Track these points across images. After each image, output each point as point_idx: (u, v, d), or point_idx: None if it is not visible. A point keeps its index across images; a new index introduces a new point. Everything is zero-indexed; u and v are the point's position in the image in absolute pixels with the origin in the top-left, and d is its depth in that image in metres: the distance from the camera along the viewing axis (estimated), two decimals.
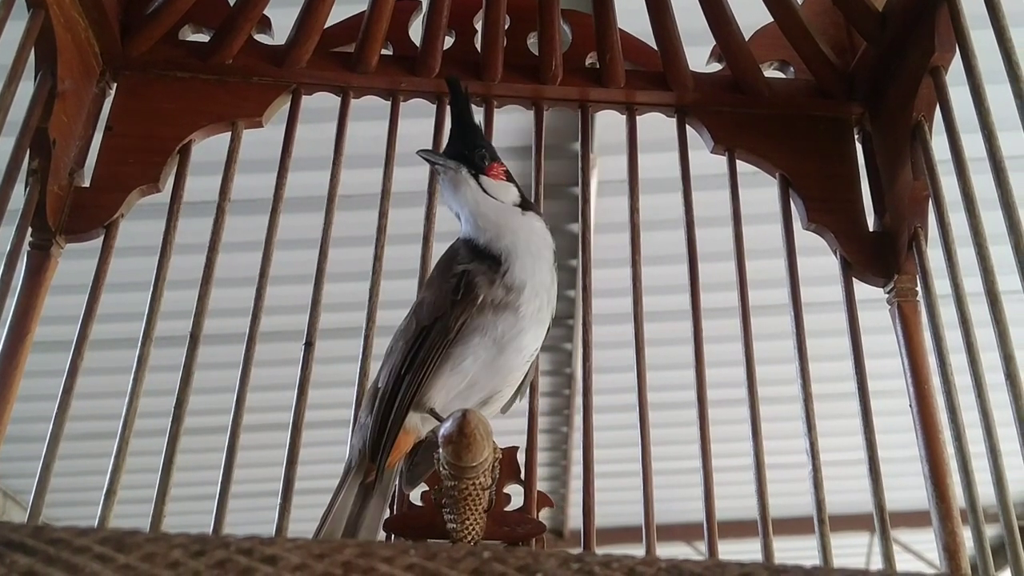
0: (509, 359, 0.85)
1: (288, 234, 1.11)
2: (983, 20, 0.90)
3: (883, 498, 0.93)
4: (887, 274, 1.05)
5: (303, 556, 0.38)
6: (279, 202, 1.06)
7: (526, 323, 0.85)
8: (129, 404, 0.93)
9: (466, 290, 0.84)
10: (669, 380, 1.81)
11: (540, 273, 0.87)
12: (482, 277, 0.85)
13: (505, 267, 0.85)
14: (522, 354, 0.87)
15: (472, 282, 0.84)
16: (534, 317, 0.86)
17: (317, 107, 1.14)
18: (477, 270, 0.85)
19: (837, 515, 0.95)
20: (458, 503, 0.81)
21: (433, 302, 0.86)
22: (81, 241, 1.01)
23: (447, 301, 0.84)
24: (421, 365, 0.83)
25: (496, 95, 1.14)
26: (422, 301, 0.89)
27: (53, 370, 0.97)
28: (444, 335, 0.83)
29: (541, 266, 0.87)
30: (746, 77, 1.13)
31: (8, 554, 0.37)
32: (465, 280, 0.84)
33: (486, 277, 0.85)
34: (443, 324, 0.84)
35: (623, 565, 0.40)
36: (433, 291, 0.88)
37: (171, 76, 1.10)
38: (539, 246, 0.89)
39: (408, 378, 0.83)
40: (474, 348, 0.84)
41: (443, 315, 0.84)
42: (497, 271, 0.85)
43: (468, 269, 0.85)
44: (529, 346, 0.87)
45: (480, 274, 0.85)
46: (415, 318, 0.87)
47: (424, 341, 0.84)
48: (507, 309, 0.84)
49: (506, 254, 0.86)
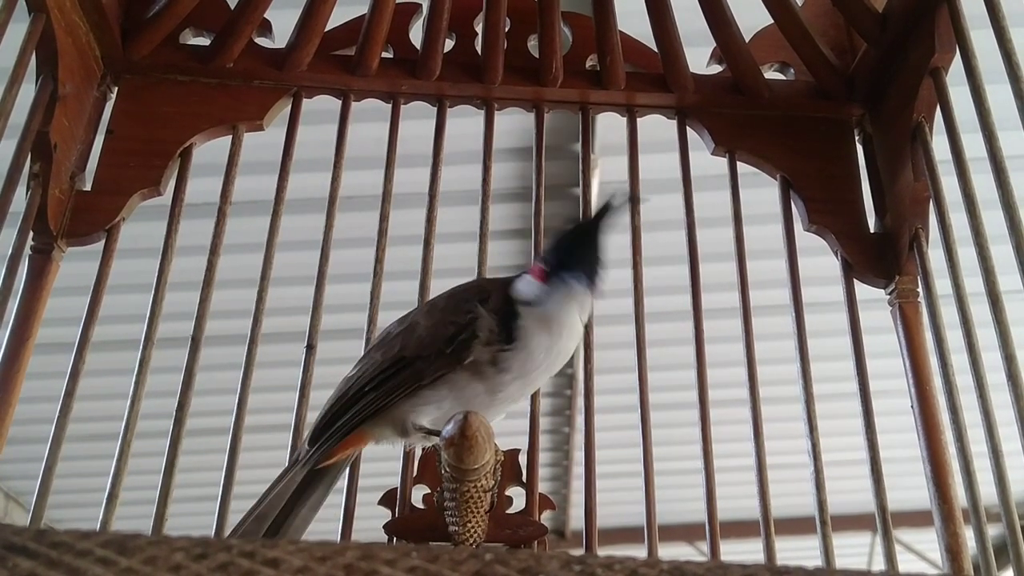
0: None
1: (289, 236, 1.12)
2: (983, 20, 0.90)
3: (885, 498, 0.93)
4: (888, 275, 1.05)
5: (305, 559, 0.38)
6: (280, 204, 1.06)
7: (498, 403, 0.83)
8: (131, 406, 0.93)
9: (458, 347, 0.81)
10: (671, 381, 1.80)
11: (536, 376, 0.84)
12: (484, 334, 0.81)
13: (510, 349, 0.81)
14: (488, 418, 0.83)
15: (471, 338, 0.81)
16: (510, 399, 0.84)
17: (318, 110, 1.14)
18: (487, 326, 0.81)
19: (839, 515, 0.95)
20: (460, 505, 0.81)
21: (423, 339, 0.83)
22: (83, 245, 1.01)
23: (435, 348, 0.82)
24: (386, 394, 0.82)
25: (497, 97, 1.14)
26: (415, 326, 0.85)
27: (55, 372, 0.97)
28: (417, 379, 0.81)
29: (542, 376, 0.84)
30: (746, 79, 1.13)
31: (10, 557, 0.37)
32: (464, 336, 0.81)
33: (487, 337, 0.81)
34: (421, 367, 0.81)
35: (625, 567, 0.40)
36: (431, 325, 0.84)
37: (172, 80, 1.10)
38: (554, 363, 0.84)
39: (371, 397, 0.82)
40: (440, 399, 0.82)
41: (426, 357, 0.82)
42: (501, 344, 0.81)
43: (478, 320, 0.81)
44: (496, 415, 0.85)
45: (485, 330, 0.81)
46: (401, 342, 0.84)
47: (397, 373, 0.82)
48: (485, 381, 0.81)
49: (523, 346, 0.81)
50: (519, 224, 2.33)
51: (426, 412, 0.82)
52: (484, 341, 0.81)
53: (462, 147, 1.29)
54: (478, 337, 0.81)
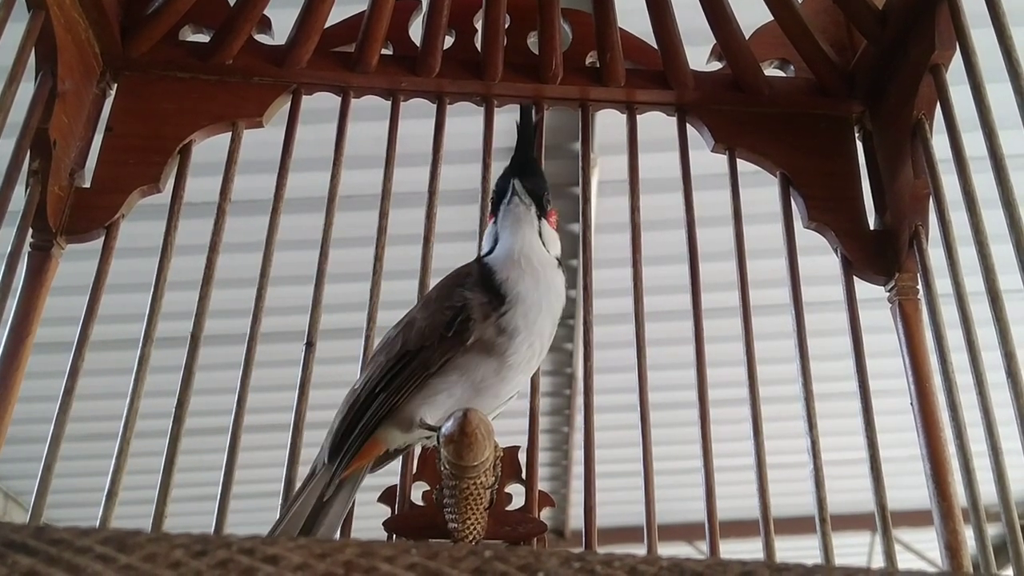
0: (484, 403, 0.83)
1: (288, 235, 1.12)
2: (983, 18, 0.90)
3: (884, 497, 0.93)
4: (888, 272, 1.05)
5: (305, 556, 0.38)
6: (279, 202, 1.06)
7: (510, 372, 0.83)
8: (130, 405, 0.93)
9: (459, 328, 0.82)
10: (670, 380, 1.81)
11: (540, 323, 0.84)
12: (479, 311, 0.82)
13: (506, 308, 0.82)
14: (499, 399, 0.85)
15: (467, 319, 0.82)
16: (520, 367, 0.84)
17: (317, 107, 1.14)
18: (478, 302, 0.83)
19: (839, 514, 0.95)
20: (459, 502, 0.80)
21: (423, 329, 0.84)
22: (82, 242, 1.01)
23: (436, 334, 0.82)
24: (396, 391, 0.82)
25: (496, 94, 1.14)
26: (413, 321, 0.86)
27: (54, 371, 0.97)
28: (424, 368, 0.82)
29: (544, 319, 0.85)
30: (746, 76, 1.13)
31: (10, 555, 0.37)
32: (461, 316, 0.82)
33: (483, 311, 0.82)
34: (427, 355, 0.82)
35: (625, 564, 0.40)
36: (428, 316, 0.85)
37: (171, 76, 1.10)
38: (551, 301, 0.86)
39: (382, 398, 0.82)
40: (450, 385, 0.82)
41: (429, 346, 0.82)
42: (498, 309, 0.82)
43: (468, 302, 0.83)
44: (508, 393, 0.85)
45: (478, 308, 0.83)
46: (402, 338, 0.85)
47: (404, 367, 0.82)
48: (494, 353, 0.82)
49: (514, 297, 0.83)
50: None
51: (438, 403, 0.82)
52: (482, 317, 0.82)
53: (462, 145, 1.29)
54: (473, 319, 0.82)
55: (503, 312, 0.82)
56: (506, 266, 0.86)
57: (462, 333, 0.82)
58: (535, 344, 0.84)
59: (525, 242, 0.87)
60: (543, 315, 0.85)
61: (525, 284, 0.84)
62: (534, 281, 0.85)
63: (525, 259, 0.86)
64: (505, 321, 0.82)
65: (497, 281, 0.84)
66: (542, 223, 0.89)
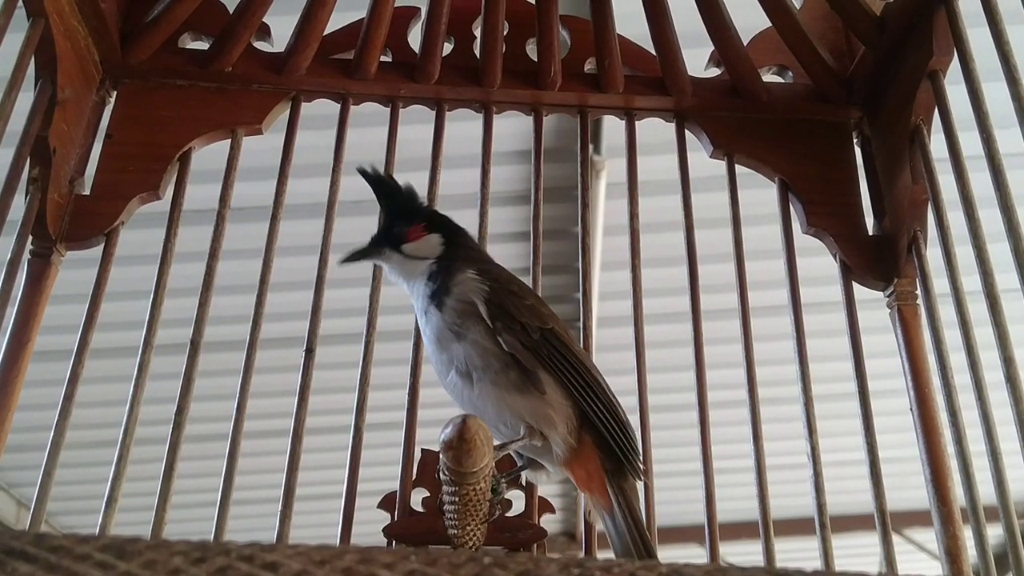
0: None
1: (288, 241, 1.12)
2: (980, 18, 0.90)
3: (884, 499, 0.93)
4: (887, 278, 1.05)
5: (304, 563, 0.38)
6: (279, 209, 1.06)
7: (453, 392, 0.86)
8: (130, 412, 0.93)
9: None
10: (669, 382, 1.80)
11: (433, 347, 0.86)
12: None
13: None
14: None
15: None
16: (455, 386, 0.85)
17: (317, 114, 1.14)
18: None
19: (844, 516, 0.95)
20: (459, 509, 0.80)
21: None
22: (82, 249, 1.01)
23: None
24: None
25: (495, 101, 1.14)
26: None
27: (54, 379, 0.97)
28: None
29: (431, 340, 0.87)
30: (745, 82, 1.13)
31: (9, 562, 0.37)
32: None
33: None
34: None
35: (624, 570, 0.40)
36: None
37: (171, 84, 1.10)
38: (429, 317, 0.87)
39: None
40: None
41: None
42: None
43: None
44: (487, 410, 0.83)
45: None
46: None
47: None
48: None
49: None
50: (522, 227, 2.32)
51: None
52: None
53: (464, 151, 1.30)
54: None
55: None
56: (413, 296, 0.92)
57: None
58: (446, 362, 0.86)
59: (405, 273, 0.92)
60: (429, 342, 0.88)
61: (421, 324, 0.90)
62: (420, 315, 0.90)
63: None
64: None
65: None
66: (403, 248, 0.92)
